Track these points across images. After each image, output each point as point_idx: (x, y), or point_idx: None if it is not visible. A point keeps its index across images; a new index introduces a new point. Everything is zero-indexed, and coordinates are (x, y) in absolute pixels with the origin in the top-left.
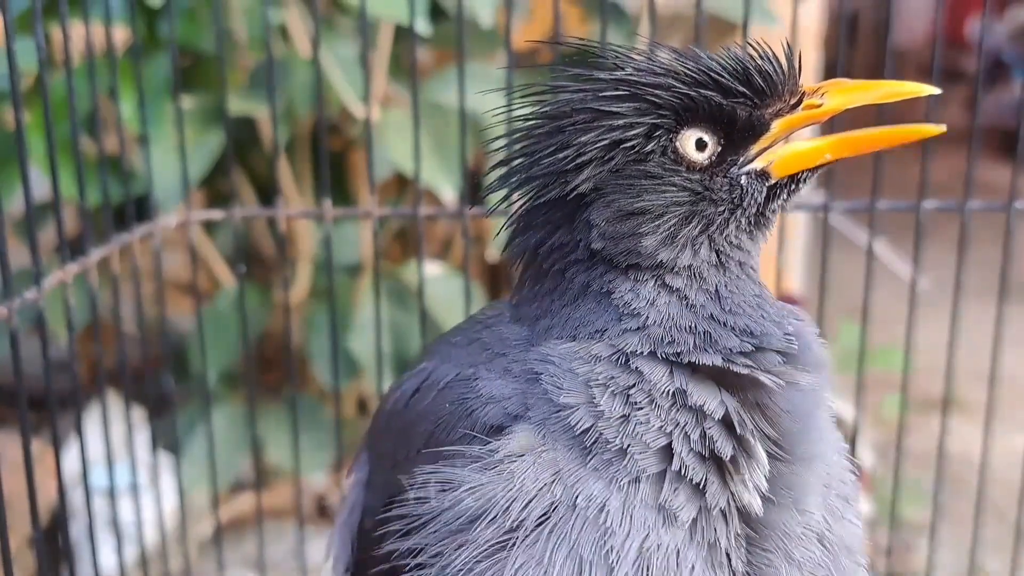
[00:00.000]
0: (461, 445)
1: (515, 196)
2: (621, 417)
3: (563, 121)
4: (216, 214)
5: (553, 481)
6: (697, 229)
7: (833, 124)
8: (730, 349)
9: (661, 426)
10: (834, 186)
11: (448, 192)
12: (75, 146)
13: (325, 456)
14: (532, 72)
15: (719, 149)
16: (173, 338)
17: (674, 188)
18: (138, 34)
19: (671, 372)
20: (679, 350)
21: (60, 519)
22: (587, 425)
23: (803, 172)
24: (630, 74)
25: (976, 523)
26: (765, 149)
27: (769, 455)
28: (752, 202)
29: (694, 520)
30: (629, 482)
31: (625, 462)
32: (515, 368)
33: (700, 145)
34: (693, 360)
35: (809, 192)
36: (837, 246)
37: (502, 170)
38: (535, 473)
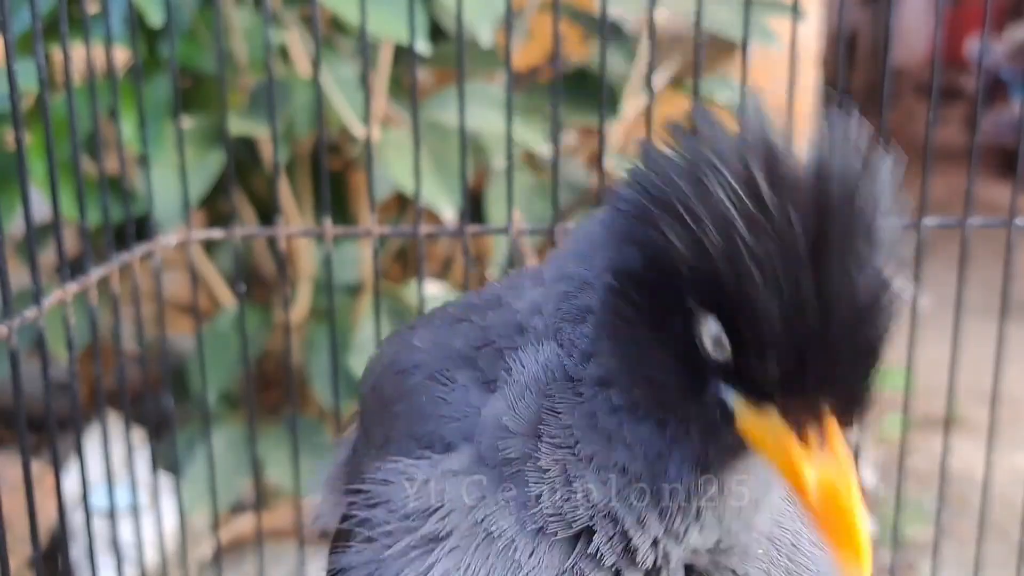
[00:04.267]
0: (425, 443)
1: None
2: (546, 472)
3: None
4: (216, 233)
5: (477, 504)
6: None
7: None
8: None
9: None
10: None
11: (448, 211)
12: (76, 167)
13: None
14: (532, 91)
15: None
16: (173, 358)
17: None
18: (139, 55)
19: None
20: None
21: (60, 540)
22: (514, 457)
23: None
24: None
25: (979, 542)
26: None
27: None
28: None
29: None
30: (538, 530)
31: (535, 511)
32: (489, 373)
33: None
34: None
35: None
36: None
37: None
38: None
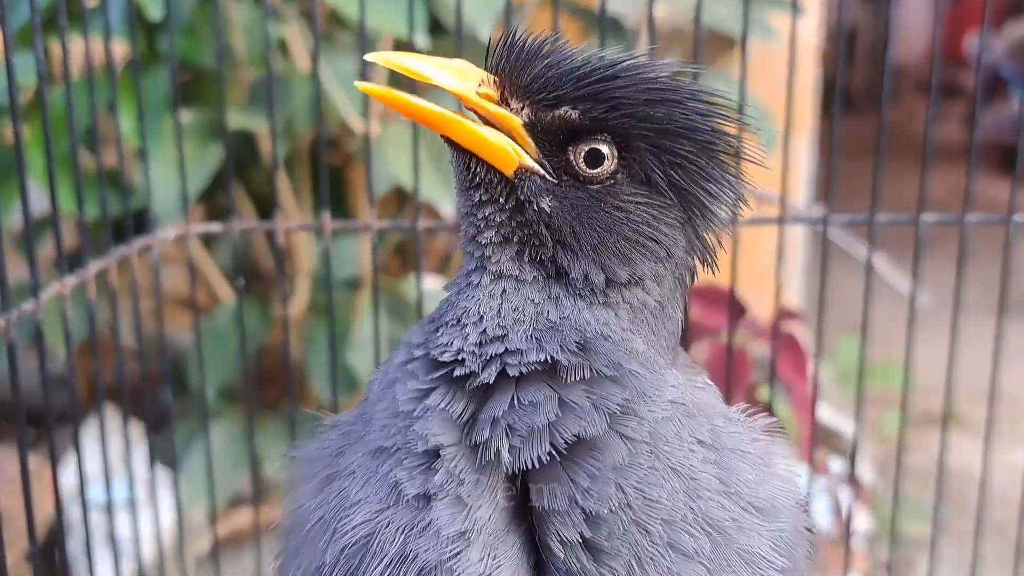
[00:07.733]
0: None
1: None
2: (376, 400)
3: None
4: (215, 227)
5: (342, 449)
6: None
7: (832, 140)
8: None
9: (386, 407)
10: (833, 200)
11: (447, 206)
12: (74, 160)
13: None
14: None
15: None
16: (171, 353)
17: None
18: (137, 49)
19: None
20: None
21: (57, 535)
22: (370, 399)
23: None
24: None
25: (976, 539)
26: None
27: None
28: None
29: (420, 498)
30: (371, 451)
31: (368, 436)
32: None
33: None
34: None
35: (808, 206)
36: (836, 260)
37: None
38: (335, 441)
